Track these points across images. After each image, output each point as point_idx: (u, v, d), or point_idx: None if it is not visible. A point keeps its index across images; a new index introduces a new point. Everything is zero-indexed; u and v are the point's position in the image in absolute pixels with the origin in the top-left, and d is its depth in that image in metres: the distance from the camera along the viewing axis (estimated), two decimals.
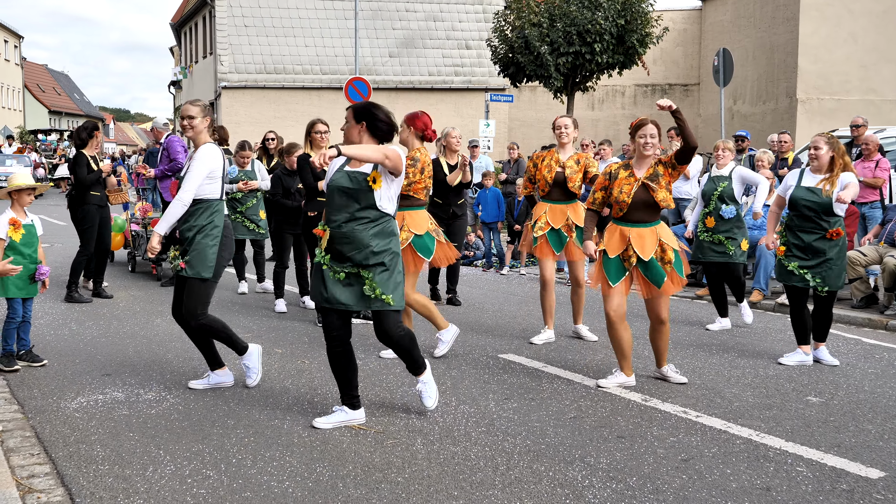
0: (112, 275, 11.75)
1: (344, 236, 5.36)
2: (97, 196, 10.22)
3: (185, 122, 6.22)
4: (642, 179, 6.48)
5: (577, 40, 22.10)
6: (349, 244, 5.36)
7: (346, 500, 4.45)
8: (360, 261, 5.38)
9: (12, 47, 63.11)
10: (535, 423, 5.73)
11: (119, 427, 5.54)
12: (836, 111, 26.47)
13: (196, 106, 6.26)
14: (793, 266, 7.36)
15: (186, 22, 40.18)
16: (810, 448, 5.31)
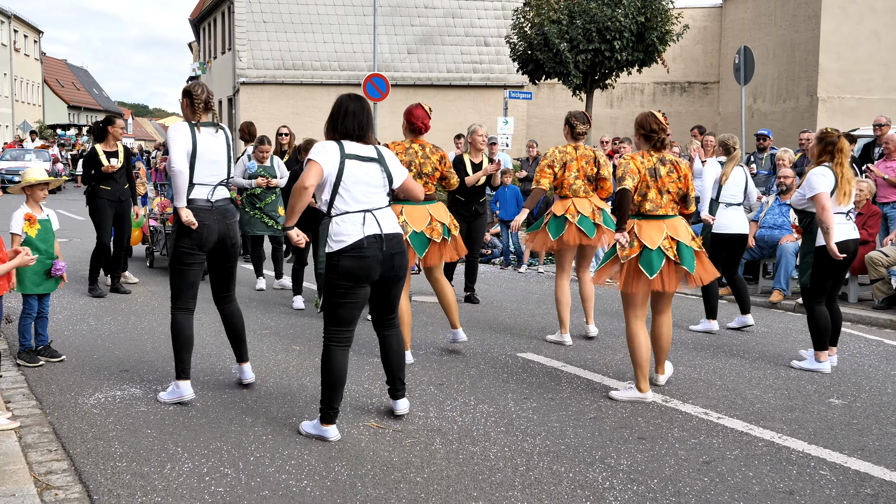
0: (130, 270, 11.76)
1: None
2: (108, 191, 10.13)
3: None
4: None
5: (597, 37, 22.02)
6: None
7: (364, 499, 4.42)
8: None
9: (32, 42, 63.48)
10: (554, 423, 5.69)
11: (137, 424, 5.53)
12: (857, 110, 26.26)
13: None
14: None
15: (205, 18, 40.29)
16: (833, 451, 5.24)
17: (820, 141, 7.19)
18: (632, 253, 6.22)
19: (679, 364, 7.36)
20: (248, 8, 32.33)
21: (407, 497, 4.46)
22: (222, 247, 6.09)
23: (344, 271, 5.16)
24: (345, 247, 5.15)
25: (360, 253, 5.16)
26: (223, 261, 6.20)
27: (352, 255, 5.15)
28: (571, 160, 7.89)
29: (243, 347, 6.39)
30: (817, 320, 7.25)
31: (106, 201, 10.13)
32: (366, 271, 5.20)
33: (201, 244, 5.96)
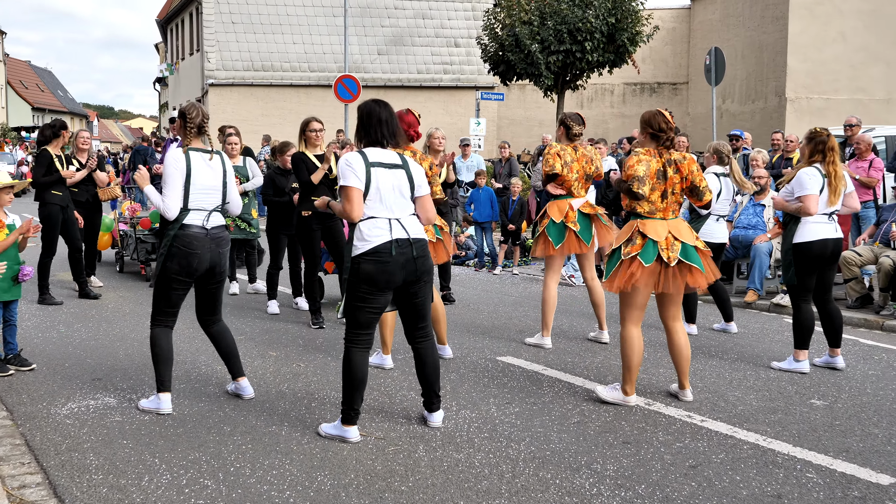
0: (100, 275, 11.57)
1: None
2: (59, 196, 9.94)
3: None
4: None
5: (568, 38, 22.03)
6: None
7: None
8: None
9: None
10: (538, 428, 5.63)
11: (112, 434, 5.40)
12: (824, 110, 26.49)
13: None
14: None
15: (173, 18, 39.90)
16: (818, 453, 5.23)
17: (810, 141, 7.17)
18: (633, 250, 6.09)
19: (658, 366, 7.34)
20: (216, 9, 32.04)
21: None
22: (210, 273, 5.96)
23: (365, 275, 5.18)
24: (369, 249, 5.17)
25: (382, 257, 5.16)
26: (209, 284, 6.05)
27: (374, 258, 5.16)
28: (572, 161, 7.85)
29: (237, 363, 6.22)
30: (801, 319, 7.26)
31: (55, 207, 9.89)
32: (386, 276, 5.18)
33: (190, 271, 5.83)
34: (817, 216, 7.08)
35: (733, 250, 11.03)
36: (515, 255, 13.99)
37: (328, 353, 7.65)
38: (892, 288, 9.54)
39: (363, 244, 5.19)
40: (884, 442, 5.47)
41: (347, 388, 5.30)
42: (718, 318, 9.10)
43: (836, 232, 7.23)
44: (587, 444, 5.32)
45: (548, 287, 8.03)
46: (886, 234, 10.13)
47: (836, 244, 7.22)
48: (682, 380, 6.36)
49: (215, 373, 6.89)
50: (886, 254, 9.72)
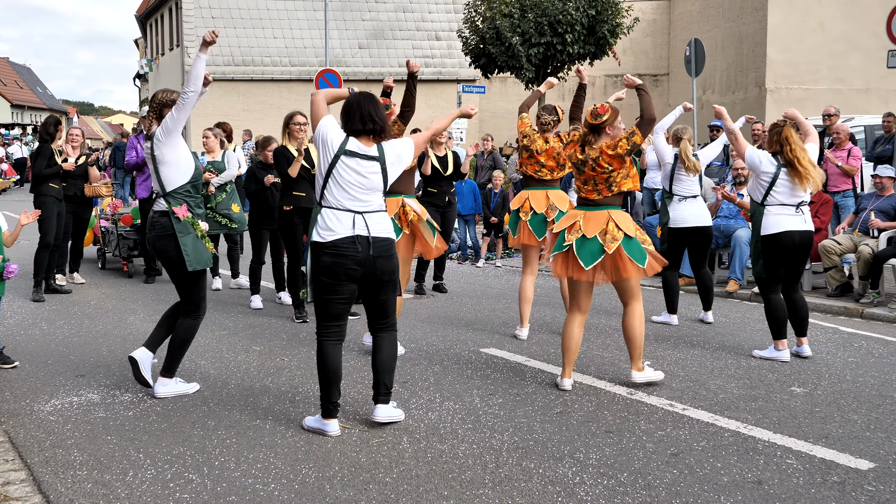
0: (82, 272, 11.53)
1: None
2: (55, 189, 10.00)
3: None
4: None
5: (549, 31, 22.04)
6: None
7: (333, 501, 4.36)
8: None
9: None
10: (521, 418, 5.66)
11: (96, 430, 5.40)
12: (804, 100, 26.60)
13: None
14: None
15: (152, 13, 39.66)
16: (798, 440, 5.28)
17: (769, 132, 7.27)
18: (569, 240, 6.31)
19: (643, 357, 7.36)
20: (196, 3, 31.88)
21: (377, 498, 4.40)
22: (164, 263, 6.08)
23: (323, 266, 5.20)
24: (328, 242, 5.17)
25: (340, 251, 5.15)
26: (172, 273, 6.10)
27: (332, 252, 5.16)
28: (540, 151, 7.88)
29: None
30: (773, 310, 7.31)
31: (51, 199, 9.92)
32: (344, 269, 5.17)
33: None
34: (783, 208, 7.11)
35: (714, 240, 11.10)
36: (498, 248, 14.04)
37: (312, 346, 7.63)
38: (871, 276, 9.62)
39: (324, 234, 5.20)
40: (863, 428, 5.54)
41: (323, 382, 5.30)
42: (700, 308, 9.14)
43: (805, 224, 7.17)
44: (570, 434, 5.36)
45: (522, 280, 8.13)
46: (865, 222, 10.22)
47: (803, 236, 7.15)
48: (632, 362, 6.51)
49: (199, 368, 6.89)
50: (865, 242, 9.81)
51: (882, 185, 10.21)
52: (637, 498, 4.42)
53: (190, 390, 6.18)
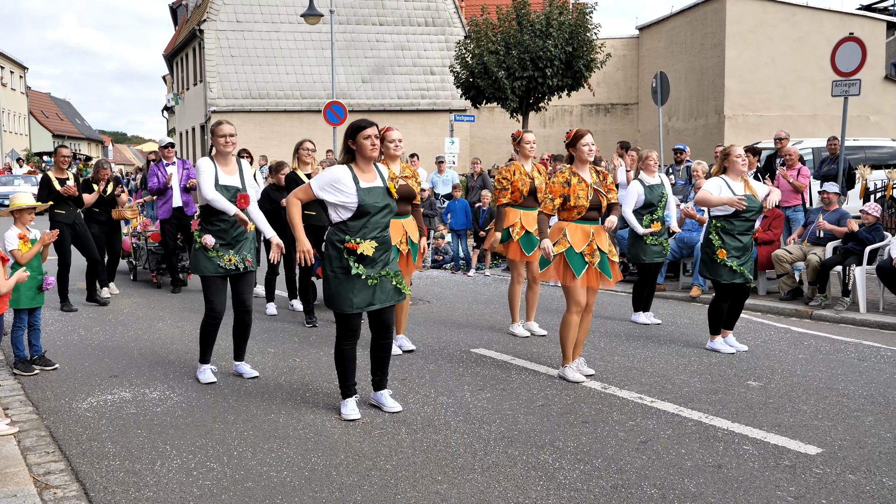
0: (116, 283, 11.51)
1: (381, 242, 5.32)
2: (63, 214, 9.77)
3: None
4: (593, 186, 6.51)
5: (531, 66, 22.12)
6: (381, 248, 5.32)
7: (340, 487, 4.35)
8: (387, 261, 5.38)
9: (18, 77, 61.99)
10: (507, 411, 5.66)
11: (128, 425, 5.39)
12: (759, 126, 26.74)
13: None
14: (735, 265, 7.35)
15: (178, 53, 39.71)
16: (754, 428, 5.29)
17: (720, 156, 7.58)
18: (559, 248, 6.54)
19: (615, 354, 7.40)
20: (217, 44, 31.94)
21: (378, 483, 4.40)
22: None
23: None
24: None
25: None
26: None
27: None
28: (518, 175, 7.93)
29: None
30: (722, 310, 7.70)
31: (62, 225, 9.76)
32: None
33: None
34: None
35: (679, 250, 11.13)
36: (487, 259, 14.03)
37: (320, 348, 7.65)
38: (819, 282, 9.64)
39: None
40: (811, 417, 5.54)
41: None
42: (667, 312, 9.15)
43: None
44: (550, 424, 5.36)
45: (510, 287, 8.29)
46: (814, 234, 10.24)
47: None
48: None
49: (220, 368, 6.87)
50: (814, 251, 9.84)
51: (829, 199, 10.23)
52: (610, 481, 4.42)
53: (204, 379, 6.40)
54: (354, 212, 5.21)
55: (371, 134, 5.26)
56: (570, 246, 6.47)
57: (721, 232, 7.36)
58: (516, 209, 7.97)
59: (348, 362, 5.51)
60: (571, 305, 6.55)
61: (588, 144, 6.49)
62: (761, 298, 10.32)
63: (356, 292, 5.26)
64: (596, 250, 6.50)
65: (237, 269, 6.28)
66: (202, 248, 6.21)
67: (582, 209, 6.46)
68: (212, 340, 6.47)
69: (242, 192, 6.24)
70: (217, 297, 6.30)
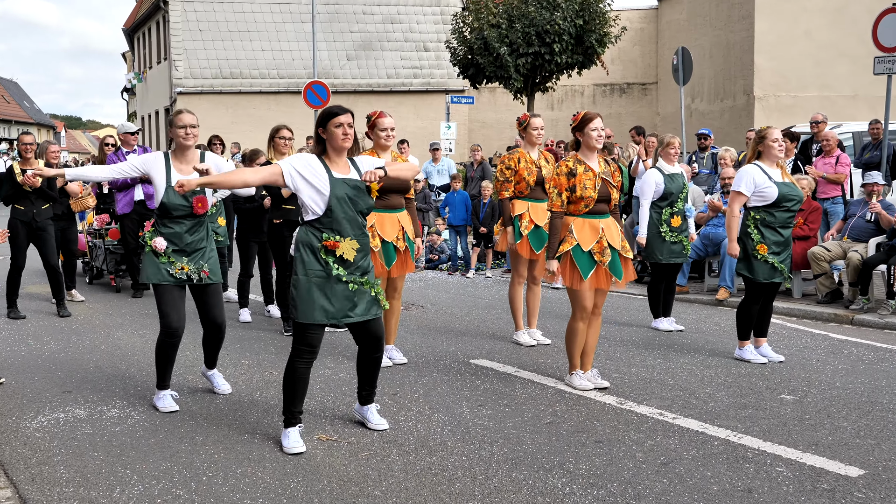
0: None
1: (364, 247, 5.28)
2: (21, 210, 9.77)
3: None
4: (601, 175, 6.51)
5: (536, 41, 22.12)
6: (361, 251, 5.27)
7: None
8: (366, 267, 5.31)
9: None
10: (511, 429, 5.66)
11: (83, 447, 5.37)
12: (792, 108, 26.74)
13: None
14: (776, 262, 7.35)
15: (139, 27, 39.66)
16: (788, 447, 5.29)
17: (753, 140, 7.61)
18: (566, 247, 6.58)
19: (632, 365, 7.40)
20: (183, 17, 31.90)
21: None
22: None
23: None
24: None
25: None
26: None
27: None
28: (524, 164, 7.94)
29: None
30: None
31: (18, 222, 9.77)
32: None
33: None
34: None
35: (703, 248, 11.14)
36: (488, 258, 14.03)
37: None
38: (861, 282, 9.66)
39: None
40: (853, 435, 5.55)
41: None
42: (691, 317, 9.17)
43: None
44: (560, 444, 5.36)
45: (510, 289, 8.28)
46: (855, 229, 10.25)
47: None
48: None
49: (186, 382, 6.87)
50: (854, 248, 9.84)
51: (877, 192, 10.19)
52: None
53: (163, 408, 6.15)
54: (326, 205, 5.17)
55: (344, 122, 5.22)
56: (576, 244, 6.47)
57: (760, 225, 7.36)
58: (523, 201, 7.97)
59: (298, 384, 5.32)
60: (577, 311, 6.57)
61: (597, 129, 6.49)
62: (796, 301, 10.33)
63: (333, 300, 5.17)
64: (606, 248, 6.51)
65: (190, 280, 6.10)
66: (152, 251, 6.09)
67: (590, 201, 6.46)
68: (170, 362, 6.25)
69: (199, 194, 6.03)
70: (172, 309, 6.10)
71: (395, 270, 7.23)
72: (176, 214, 6.03)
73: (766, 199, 7.26)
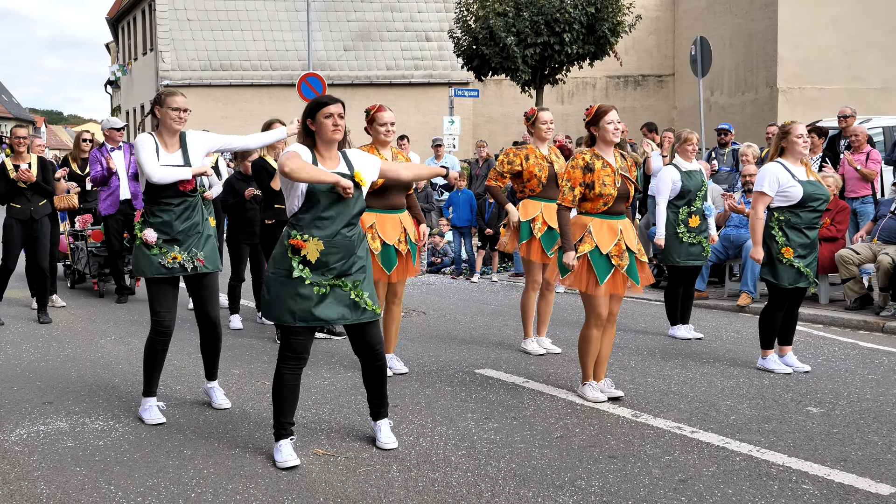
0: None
1: (333, 245, 5.22)
2: (17, 209, 9.83)
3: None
4: (620, 171, 6.51)
5: (545, 30, 22.13)
6: (336, 253, 5.24)
7: None
8: (345, 269, 5.27)
9: None
10: (518, 444, 5.66)
11: (64, 461, 5.38)
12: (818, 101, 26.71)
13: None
14: (801, 266, 7.35)
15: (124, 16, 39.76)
16: (815, 463, 5.28)
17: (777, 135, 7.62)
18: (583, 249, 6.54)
19: (648, 375, 7.40)
20: (170, 5, 31.98)
21: None
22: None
23: None
24: None
25: None
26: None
27: None
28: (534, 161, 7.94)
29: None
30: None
31: (12, 220, 9.80)
32: None
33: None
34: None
35: (724, 251, 11.14)
36: (494, 262, 14.04)
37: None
38: (892, 287, 9.64)
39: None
40: (884, 450, 5.54)
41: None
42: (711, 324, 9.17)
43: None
44: (571, 460, 5.35)
45: (524, 295, 8.25)
46: (886, 230, 10.23)
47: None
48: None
49: (174, 393, 6.87)
50: (885, 251, 9.82)
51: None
52: None
53: (149, 420, 6.16)
54: (304, 197, 5.17)
55: (334, 112, 5.23)
56: (595, 246, 6.45)
57: (785, 226, 7.35)
58: (536, 201, 7.96)
59: (285, 393, 5.32)
60: (591, 318, 6.57)
61: (613, 122, 6.49)
62: (823, 308, 10.32)
63: (298, 300, 5.18)
64: (625, 251, 6.51)
65: (184, 270, 6.12)
66: (142, 244, 6.12)
67: (609, 199, 6.43)
68: (158, 365, 6.27)
69: (184, 164, 6.15)
70: (163, 305, 6.15)
71: (396, 275, 7.23)
72: (164, 196, 6.07)
73: (791, 198, 7.26)
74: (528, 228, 7.94)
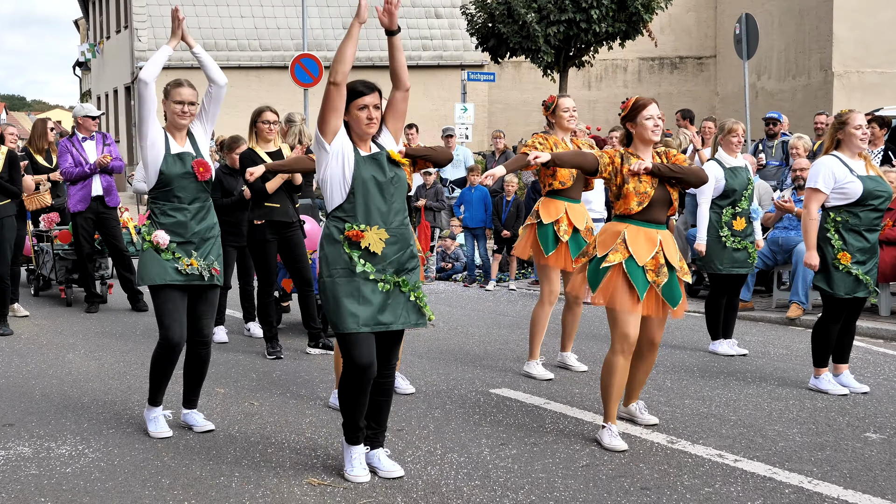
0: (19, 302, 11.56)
1: (391, 234, 5.29)
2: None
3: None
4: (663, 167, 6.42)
5: (571, 6, 22.14)
6: (395, 243, 5.32)
7: None
8: (403, 263, 5.35)
9: None
10: (539, 473, 5.67)
11: (27, 490, 5.41)
12: (879, 86, 26.67)
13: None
14: (860, 273, 7.33)
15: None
16: (874, 496, 5.28)
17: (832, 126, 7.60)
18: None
19: (685, 396, 7.41)
20: None
21: None
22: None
23: None
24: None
25: None
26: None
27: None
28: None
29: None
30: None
31: None
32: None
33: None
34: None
35: (772, 256, 11.12)
36: (512, 267, 14.02)
37: (286, 388, 7.67)
38: None
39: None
40: None
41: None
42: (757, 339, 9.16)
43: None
44: (598, 492, 5.36)
45: (537, 308, 8.13)
46: None
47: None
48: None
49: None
50: None
51: None
52: None
53: (155, 433, 6.34)
54: (350, 186, 5.22)
55: (369, 104, 5.30)
56: (630, 255, 6.20)
57: (842, 229, 7.34)
58: (560, 200, 7.91)
59: (358, 401, 5.38)
60: (616, 342, 6.26)
61: (653, 118, 6.32)
62: (884, 321, 10.30)
63: (362, 301, 5.21)
64: (663, 265, 6.25)
65: (201, 278, 6.19)
66: (152, 248, 6.16)
67: (644, 198, 6.23)
68: (167, 378, 6.39)
69: (198, 157, 6.23)
70: (175, 319, 6.18)
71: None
72: (176, 187, 6.13)
73: (849, 196, 7.25)
74: (553, 233, 7.84)
